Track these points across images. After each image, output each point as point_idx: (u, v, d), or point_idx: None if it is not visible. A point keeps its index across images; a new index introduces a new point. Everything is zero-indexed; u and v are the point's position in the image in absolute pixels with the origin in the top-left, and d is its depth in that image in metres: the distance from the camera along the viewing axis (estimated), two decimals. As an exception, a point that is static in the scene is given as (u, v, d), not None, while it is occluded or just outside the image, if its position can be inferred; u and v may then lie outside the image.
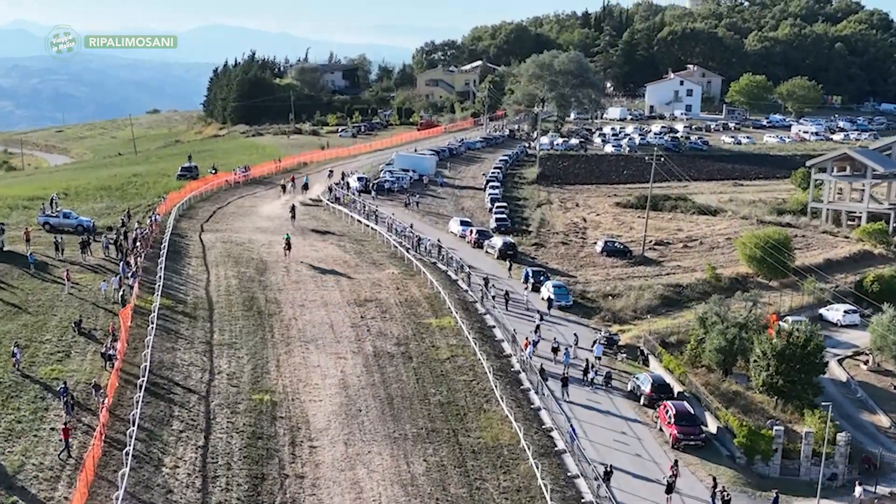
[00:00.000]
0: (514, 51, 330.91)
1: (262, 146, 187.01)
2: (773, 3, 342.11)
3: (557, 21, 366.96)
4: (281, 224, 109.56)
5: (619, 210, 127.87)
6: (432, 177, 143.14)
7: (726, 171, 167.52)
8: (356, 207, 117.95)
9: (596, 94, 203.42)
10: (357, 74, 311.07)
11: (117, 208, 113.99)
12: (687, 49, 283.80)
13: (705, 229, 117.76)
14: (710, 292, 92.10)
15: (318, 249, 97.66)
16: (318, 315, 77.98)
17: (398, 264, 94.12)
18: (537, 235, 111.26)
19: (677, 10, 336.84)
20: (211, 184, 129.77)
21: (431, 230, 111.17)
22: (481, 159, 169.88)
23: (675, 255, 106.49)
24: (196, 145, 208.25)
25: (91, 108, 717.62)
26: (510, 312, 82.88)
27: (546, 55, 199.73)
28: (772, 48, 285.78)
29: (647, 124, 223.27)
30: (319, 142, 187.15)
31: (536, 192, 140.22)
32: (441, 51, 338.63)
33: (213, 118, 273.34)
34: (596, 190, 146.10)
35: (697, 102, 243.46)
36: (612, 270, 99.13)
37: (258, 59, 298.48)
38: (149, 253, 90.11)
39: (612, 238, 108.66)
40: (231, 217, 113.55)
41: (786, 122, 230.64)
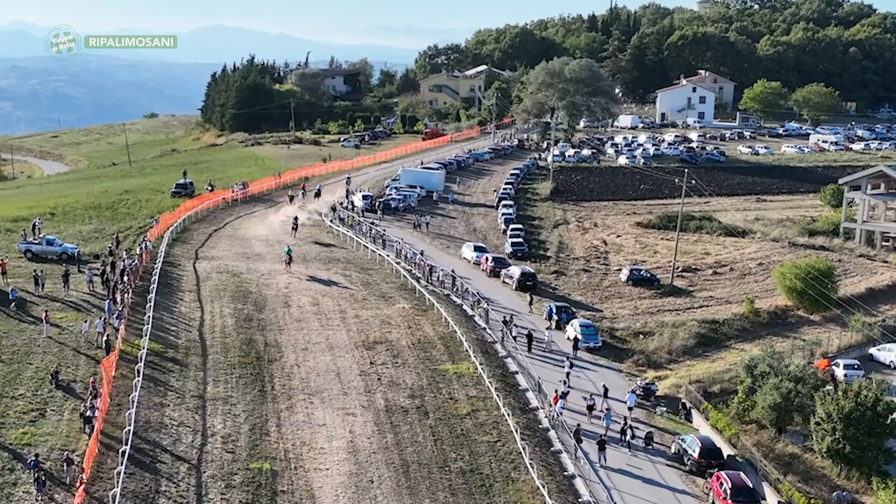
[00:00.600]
0: (518, 55, 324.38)
1: (262, 157, 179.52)
2: (784, 6, 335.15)
3: (563, 24, 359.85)
4: (280, 249, 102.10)
5: (641, 231, 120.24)
6: (441, 193, 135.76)
7: (747, 185, 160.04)
8: (362, 229, 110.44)
9: (608, 102, 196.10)
10: (359, 79, 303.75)
11: (106, 231, 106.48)
12: (698, 54, 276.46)
13: (734, 253, 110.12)
14: (750, 329, 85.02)
15: (321, 281, 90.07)
16: (322, 361, 70.43)
17: (409, 297, 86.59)
18: (556, 261, 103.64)
19: (686, 14, 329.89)
20: (207, 202, 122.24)
21: (443, 256, 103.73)
22: (490, 172, 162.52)
23: (705, 284, 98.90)
24: (193, 155, 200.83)
25: (90, 109, 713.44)
26: (534, 356, 75.36)
27: (556, 62, 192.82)
28: (784, 53, 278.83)
29: (660, 133, 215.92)
30: (321, 154, 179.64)
31: (551, 209, 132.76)
32: (444, 55, 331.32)
33: (210, 124, 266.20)
34: (613, 207, 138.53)
35: (710, 110, 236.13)
36: (639, 302, 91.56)
37: (257, 64, 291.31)
38: (138, 287, 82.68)
39: (637, 265, 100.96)
40: (228, 241, 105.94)
41: (802, 131, 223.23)
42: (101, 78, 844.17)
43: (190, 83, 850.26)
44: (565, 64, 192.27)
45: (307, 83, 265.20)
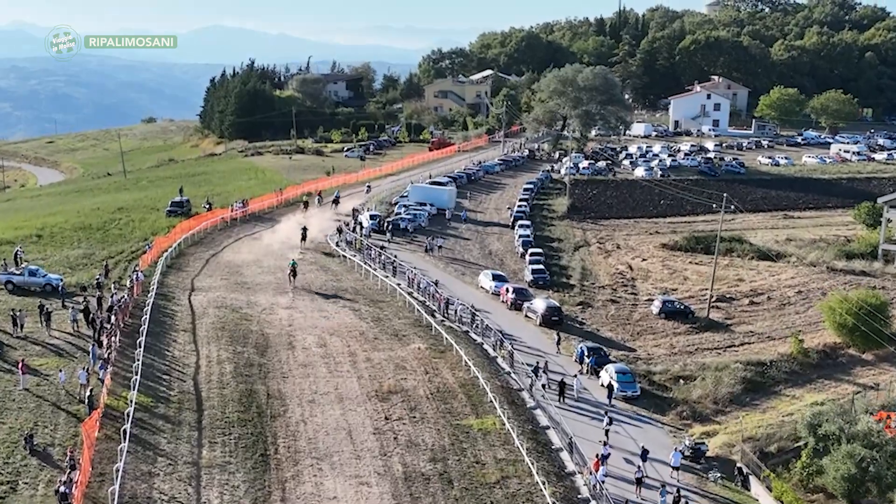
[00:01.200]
0: (524, 59, 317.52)
1: (262, 169, 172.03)
2: (796, 9, 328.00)
3: (570, 28, 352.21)
4: (282, 277, 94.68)
5: (667, 253, 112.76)
6: (453, 210, 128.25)
7: (771, 200, 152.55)
8: (370, 254, 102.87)
9: (623, 111, 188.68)
10: (361, 85, 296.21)
11: (96, 257, 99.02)
12: (710, 59, 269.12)
13: (770, 279, 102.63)
14: (799, 371, 77.54)
15: (329, 316, 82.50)
16: (331, 416, 62.84)
17: (424, 335, 79.02)
18: (581, 290, 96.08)
19: (696, 17, 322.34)
20: (204, 223, 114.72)
21: (458, 284, 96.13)
22: (502, 186, 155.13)
23: (743, 316, 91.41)
24: (190, 166, 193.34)
25: (89, 110, 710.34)
26: (566, 406, 67.79)
27: (569, 69, 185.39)
28: (799, 58, 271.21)
29: (675, 142, 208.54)
30: (324, 165, 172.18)
31: (570, 229, 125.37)
32: (448, 59, 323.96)
33: (209, 130, 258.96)
34: (634, 226, 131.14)
35: (725, 117, 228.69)
36: (675, 339, 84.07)
37: (257, 69, 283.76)
38: (127, 325, 75.24)
39: (669, 296, 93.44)
40: (226, 268, 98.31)
41: (821, 139, 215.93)
42: (101, 78, 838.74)
43: (190, 83, 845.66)
44: (578, 71, 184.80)
45: (308, 89, 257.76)
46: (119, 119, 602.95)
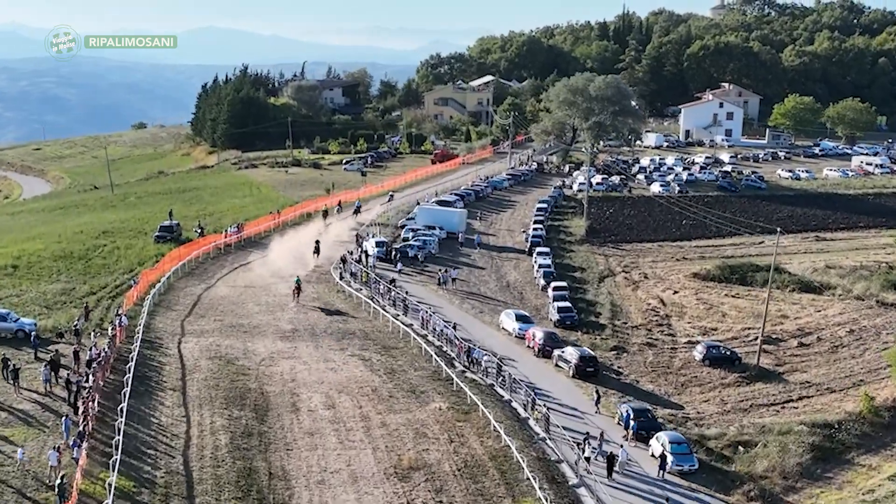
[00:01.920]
0: (525, 64, 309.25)
1: (257, 184, 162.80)
2: (804, 13, 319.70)
3: (571, 32, 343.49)
4: (281, 316, 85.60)
5: (700, 284, 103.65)
6: (465, 234, 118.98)
7: (798, 219, 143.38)
8: (379, 289, 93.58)
9: (636, 122, 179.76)
10: (358, 91, 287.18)
11: (76, 293, 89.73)
12: (720, 65, 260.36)
13: (815, 316, 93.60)
14: (871, 434, 68.45)
15: (337, 367, 73.08)
16: (345, 502, 53.67)
17: (445, 391, 69.66)
18: (613, 332, 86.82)
19: (702, 22, 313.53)
20: (196, 251, 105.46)
21: (477, 325, 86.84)
22: (512, 203, 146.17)
23: (793, 361, 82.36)
24: (181, 180, 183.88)
25: (81, 111, 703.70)
26: (615, 483, 58.59)
27: (579, 78, 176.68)
28: (810, 64, 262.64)
29: (688, 153, 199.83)
30: (322, 179, 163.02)
31: (591, 255, 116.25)
32: (447, 64, 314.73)
33: (201, 137, 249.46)
34: (658, 250, 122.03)
35: (739, 127, 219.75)
36: (724, 392, 74.96)
37: (250, 74, 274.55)
38: (108, 383, 65.99)
39: (713, 341, 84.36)
40: (220, 306, 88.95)
41: (839, 150, 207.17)
42: (93, 79, 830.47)
43: (183, 84, 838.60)
44: (589, 80, 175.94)
45: (304, 96, 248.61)
46: (111, 120, 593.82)
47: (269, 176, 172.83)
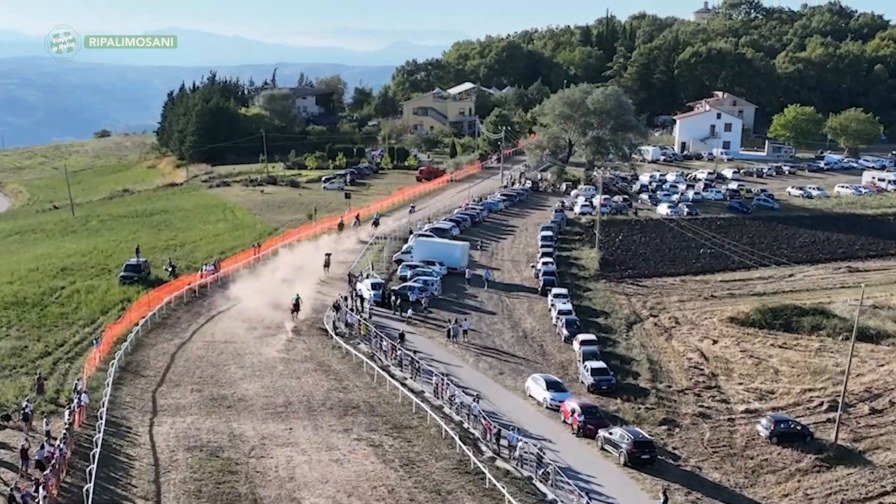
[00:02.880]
0: (506, 71, 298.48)
1: (231, 206, 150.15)
2: (792, 17, 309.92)
3: (552, 37, 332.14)
4: (273, 382, 73.04)
5: (739, 331, 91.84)
6: (470, 270, 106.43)
7: (822, 246, 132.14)
8: (380, 343, 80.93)
9: (637, 137, 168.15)
10: (332, 99, 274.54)
11: (29, 353, 77.03)
12: (712, 73, 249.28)
13: (880, 371, 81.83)
14: None
15: (342, 458, 60.19)
16: None
17: (475, 489, 56.93)
18: (658, 399, 74.38)
19: (689, 26, 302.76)
20: (167, 294, 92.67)
21: (498, 390, 74.18)
22: (511, 229, 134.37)
23: (871, 433, 70.38)
24: (148, 199, 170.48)
25: (43, 113, 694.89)
26: None
27: (576, 91, 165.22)
28: (805, 71, 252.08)
29: (687, 168, 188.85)
30: (302, 201, 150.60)
31: (611, 295, 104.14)
32: (424, 70, 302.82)
33: (167, 149, 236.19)
34: (682, 286, 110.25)
35: (737, 139, 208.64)
36: (805, 482, 62.75)
37: (219, 82, 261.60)
38: (62, 491, 53.26)
39: (774, 407, 72.50)
40: (198, 368, 76.16)
41: (845, 163, 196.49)
42: (55, 81, 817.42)
43: (145, 86, 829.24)
44: (587, 93, 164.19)
45: (277, 106, 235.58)
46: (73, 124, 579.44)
47: (243, 196, 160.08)
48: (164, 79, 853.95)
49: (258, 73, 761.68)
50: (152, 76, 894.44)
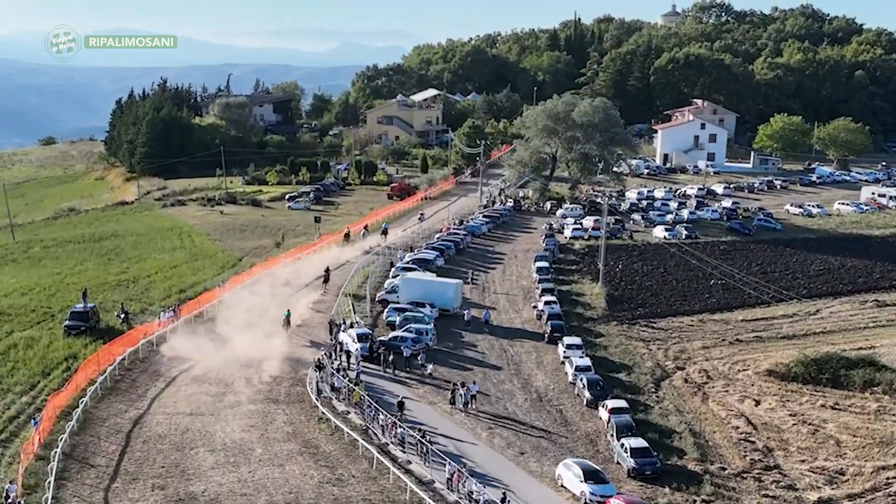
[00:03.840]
0: (470, 76, 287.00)
1: (188, 230, 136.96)
2: (765, 20, 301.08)
3: (516, 40, 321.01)
4: (246, 474, 60.27)
5: (781, 387, 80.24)
6: (467, 311, 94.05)
7: (836, 273, 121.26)
8: (376, 416, 68.10)
9: (628, 153, 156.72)
10: (290, 107, 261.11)
11: (-47, 435, 63.75)
12: (690, 79, 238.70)
13: (953, 438, 70.55)
14: None
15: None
16: None
17: None
18: (713, 486, 61.94)
19: (660, 30, 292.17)
20: (121, 347, 79.52)
21: (523, 478, 61.45)
22: (499, 256, 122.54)
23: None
24: (96, 221, 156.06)
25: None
26: None
27: (559, 102, 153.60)
28: (784, 77, 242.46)
29: (674, 182, 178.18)
30: (266, 223, 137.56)
31: (626, 341, 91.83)
32: (385, 76, 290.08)
33: (116, 159, 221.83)
34: (701, 328, 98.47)
35: (722, 150, 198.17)
36: None
37: (170, 89, 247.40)
38: None
39: (856, 500, 60.79)
40: (159, 452, 63.02)
41: (837, 177, 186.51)
42: (1, 82, 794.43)
43: (91, 87, 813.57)
44: (571, 105, 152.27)
45: (233, 115, 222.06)
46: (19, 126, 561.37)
47: (201, 217, 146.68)
48: (111, 80, 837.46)
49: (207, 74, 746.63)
50: (100, 77, 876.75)
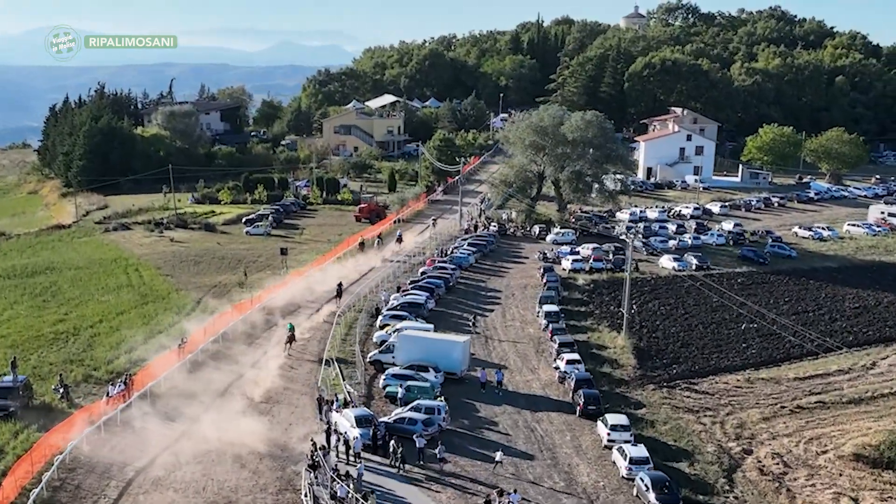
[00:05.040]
0: (428, 81, 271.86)
1: (134, 262, 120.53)
2: (733, 23, 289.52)
3: (474, 43, 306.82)
4: None
5: (875, 477, 66.13)
6: (482, 372, 78.83)
7: (877, 313, 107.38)
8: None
9: (625, 170, 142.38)
10: (238, 115, 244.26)
11: None
12: (667, 86, 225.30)
13: None
14: None
15: None
16: None
17: None
18: None
19: (627, 33, 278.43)
20: (60, 435, 63.22)
21: None
22: (493, 295, 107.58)
23: None
24: (29, 248, 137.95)
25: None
26: None
27: (545, 115, 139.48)
28: (763, 84, 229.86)
29: (663, 198, 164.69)
30: (224, 253, 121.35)
31: (672, 413, 76.54)
32: (338, 80, 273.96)
33: (51, 170, 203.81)
34: (750, 390, 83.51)
35: (710, 163, 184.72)
36: None
37: (109, 94, 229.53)
38: None
39: None
40: None
41: (835, 192, 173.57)
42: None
43: (23, 87, 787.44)
44: (559, 118, 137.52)
45: (178, 124, 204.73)
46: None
47: (148, 246, 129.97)
48: (45, 79, 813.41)
49: (143, 73, 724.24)
50: (33, 77, 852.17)
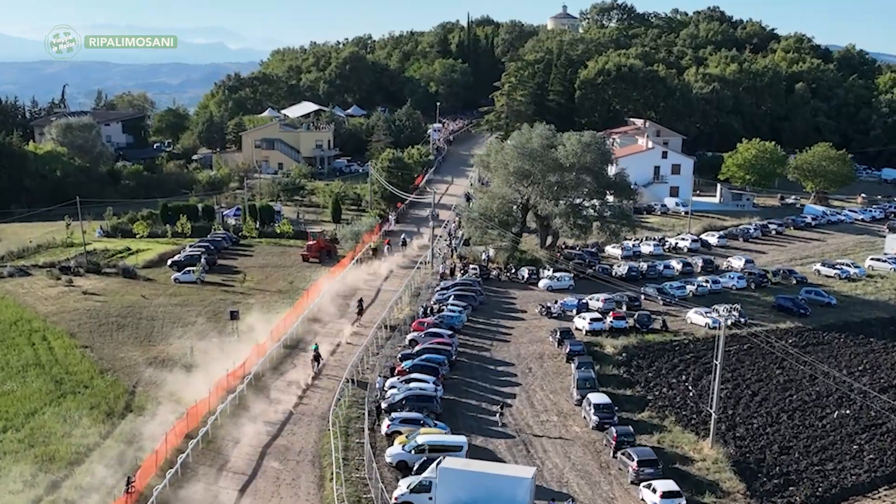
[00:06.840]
0: (349, 87, 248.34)
1: (40, 325, 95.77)
2: (671, 24, 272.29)
3: (395, 45, 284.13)
4: None
5: None
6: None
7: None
8: None
9: (629, 200, 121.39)
10: (143, 126, 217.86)
11: None
12: (622, 94, 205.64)
13: None
14: None
15: None
16: None
17: None
18: None
19: (564, 35, 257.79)
20: None
21: None
22: (507, 371, 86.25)
23: None
24: None
25: None
26: None
27: (533, 137, 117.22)
28: (721, 92, 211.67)
29: (645, 224, 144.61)
30: (150, 309, 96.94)
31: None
32: (249, 86, 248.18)
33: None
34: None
35: (688, 183, 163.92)
36: None
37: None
38: None
39: None
40: None
41: (832, 217, 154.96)
42: None
43: None
44: (549, 140, 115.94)
45: (76, 139, 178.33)
46: None
47: (55, 300, 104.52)
48: None
49: (22, 71, 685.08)
50: None
